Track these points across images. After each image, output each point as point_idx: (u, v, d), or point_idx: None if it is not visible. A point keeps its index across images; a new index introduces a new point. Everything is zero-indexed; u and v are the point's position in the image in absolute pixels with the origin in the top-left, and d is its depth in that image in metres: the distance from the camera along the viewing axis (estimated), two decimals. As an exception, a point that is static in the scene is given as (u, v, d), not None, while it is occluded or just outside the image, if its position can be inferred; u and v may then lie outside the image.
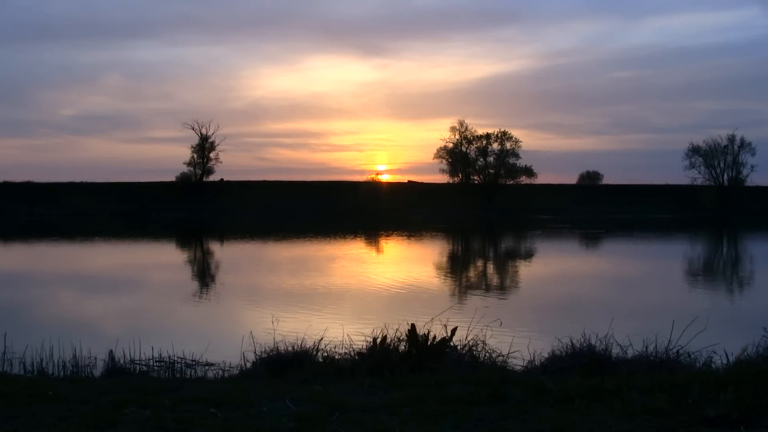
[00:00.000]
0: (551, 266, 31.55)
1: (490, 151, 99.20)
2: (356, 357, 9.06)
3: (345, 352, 9.39)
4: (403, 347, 8.96)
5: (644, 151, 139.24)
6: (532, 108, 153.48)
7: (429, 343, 8.91)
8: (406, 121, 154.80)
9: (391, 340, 9.07)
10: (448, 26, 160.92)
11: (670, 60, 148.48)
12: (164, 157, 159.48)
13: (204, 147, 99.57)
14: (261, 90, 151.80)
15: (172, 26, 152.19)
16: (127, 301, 20.65)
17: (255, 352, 10.17)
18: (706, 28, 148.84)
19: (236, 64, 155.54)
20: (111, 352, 10.60)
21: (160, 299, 21.08)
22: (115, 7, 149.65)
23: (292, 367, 9.02)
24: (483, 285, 24.98)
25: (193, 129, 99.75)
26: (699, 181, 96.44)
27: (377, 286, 23.21)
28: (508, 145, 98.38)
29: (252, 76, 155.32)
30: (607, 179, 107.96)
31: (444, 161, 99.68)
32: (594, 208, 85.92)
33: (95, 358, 10.70)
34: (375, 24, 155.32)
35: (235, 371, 10.17)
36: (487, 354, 9.33)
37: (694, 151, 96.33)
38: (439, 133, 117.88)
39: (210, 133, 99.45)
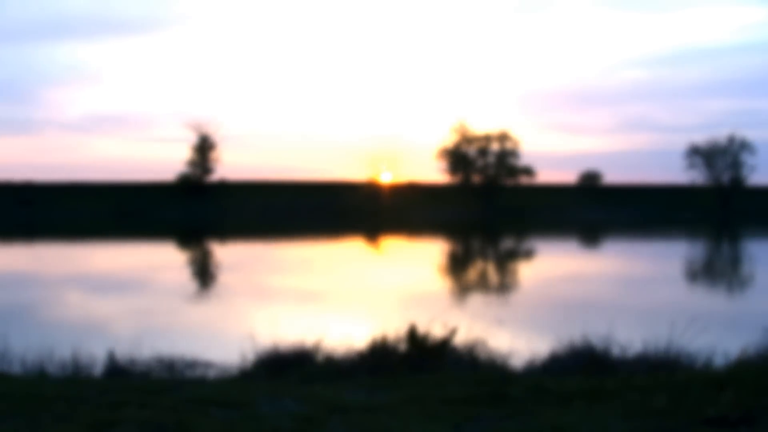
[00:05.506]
0: (551, 266, 31.54)
1: (490, 152, 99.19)
2: (356, 357, 9.05)
3: (345, 352, 9.38)
4: (403, 347, 8.96)
5: (654, 151, 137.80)
6: (542, 107, 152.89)
7: (429, 343, 8.91)
8: (409, 121, 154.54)
9: (391, 341, 9.06)
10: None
11: (685, 59, 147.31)
12: (166, 157, 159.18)
13: (204, 147, 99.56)
14: (265, 88, 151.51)
15: (179, 24, 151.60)
16: (127, 301, 20.64)
17: (255, 352, 10.16)
18: (722, 27, 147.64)
19: (241, 62, 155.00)
20: (111, 352, 10.59)
21: (160, 299, 21.06)
22: (129, 3, 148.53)
23: (292, 367, 9.01)
24: (483, 285, 24.97)
25: (193, 129, 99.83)
26: (699, 181, 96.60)
27: (377, 287, 23.21)
28: (508, 145, 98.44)
29: (257, 75, 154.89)
30: (610, 179, 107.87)
31: (444, 161, 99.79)
32: (594, 208, 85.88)
33: (95, 358, 10.69)
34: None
35: (235, 371, 10.15)
36: (487, 354, 9.33)
37: (694, 151, 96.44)
38: (441, 133, 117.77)
39: (211, 133, 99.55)
